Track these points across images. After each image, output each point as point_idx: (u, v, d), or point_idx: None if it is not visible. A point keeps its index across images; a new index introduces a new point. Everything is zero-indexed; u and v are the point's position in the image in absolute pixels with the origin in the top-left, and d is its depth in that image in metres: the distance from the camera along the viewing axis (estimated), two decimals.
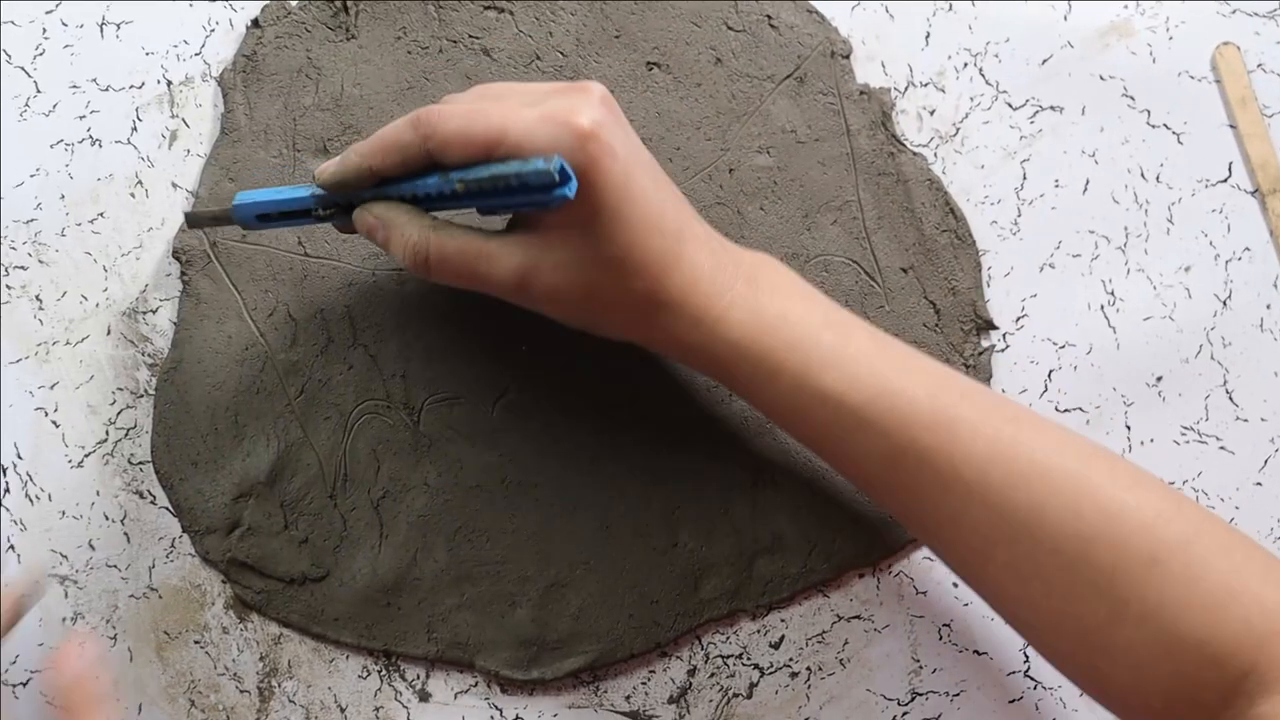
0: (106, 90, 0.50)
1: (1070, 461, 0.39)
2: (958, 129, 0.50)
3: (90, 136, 0.50)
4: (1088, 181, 0.49)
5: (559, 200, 0.36)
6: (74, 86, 0.50)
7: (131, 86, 0.50)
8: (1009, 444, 0.39)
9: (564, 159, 0.36)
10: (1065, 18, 0.50)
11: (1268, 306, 0.49)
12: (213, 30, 0.50)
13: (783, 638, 0.48)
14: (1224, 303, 0.49)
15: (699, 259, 0.40)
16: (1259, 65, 0.50)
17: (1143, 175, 0.49)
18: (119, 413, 0.49)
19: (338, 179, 0.41)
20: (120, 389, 0.49)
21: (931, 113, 0.50)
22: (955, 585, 0.48)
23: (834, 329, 0.40)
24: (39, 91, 0.50)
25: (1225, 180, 0.49)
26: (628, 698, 0.48)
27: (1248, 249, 0.49)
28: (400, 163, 0.40)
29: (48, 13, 0.50)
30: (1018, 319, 0.49)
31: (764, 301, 0.40)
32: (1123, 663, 0.38)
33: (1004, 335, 0.49)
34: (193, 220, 0.45)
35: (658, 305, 0.40)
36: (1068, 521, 0.38)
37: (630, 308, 0.40)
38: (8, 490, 0.49)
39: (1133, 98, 0.49)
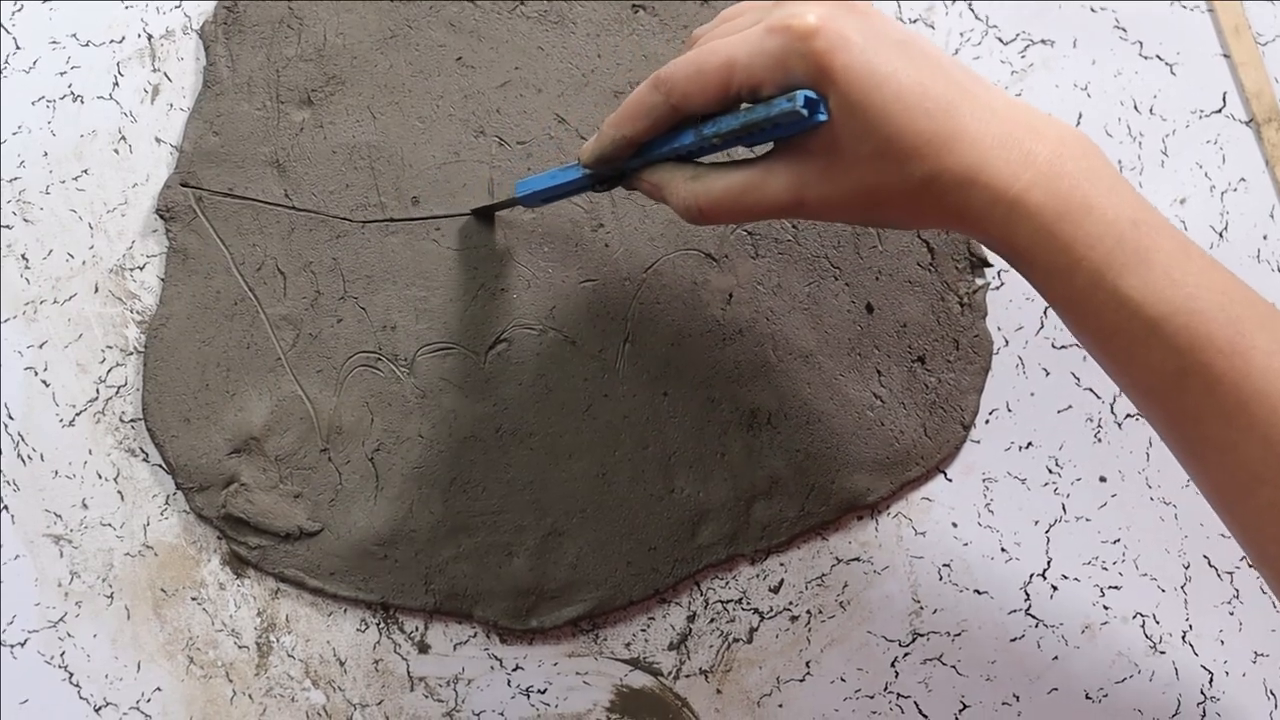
0: (87, 45, 0.49)
1: None
2: None
3: (72, 93, 0.49)
4: (1081, 115, 0.49)
5: (817, 124, 0.35)
6: (54, 42, 0.49)
7: (112, 41, 0.49)
8: None
9: (802, 75, 0.35)
10: None
11: (1264, 237, 0.48)
12: None
13: (782, 581, 0.48)
14: (1220, 234, 0.48)
15: (983, 130, 0.37)
16: None
17: (1136, 108, 0.49)
18: (109, 370, 0.49)
19: (597, 155, 0.40)
20: (109, 347, 0.49)
21: None
22: (954, 525, 0.48)
23: (1141, 229, 0.37)
24: (18, 48, 0.49)
25: (1220, 111, 0.49)
26: (628, 645, 0.48)
27: (1243, 179, 0.49)
28: (650, 125, 0.39)
29: None
30: None
31: (1068, 186, 0.37)
32: None
33: (999, 273, 0.49)
34: (479, 212, 0.47)
35: (944, 188, 0.37)
36: None
37: (915, 196, 0.37)
38: None
39: (1124, 29, 0.49)
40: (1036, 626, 0.48)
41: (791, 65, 0.35)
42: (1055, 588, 0.48)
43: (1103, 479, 0.48)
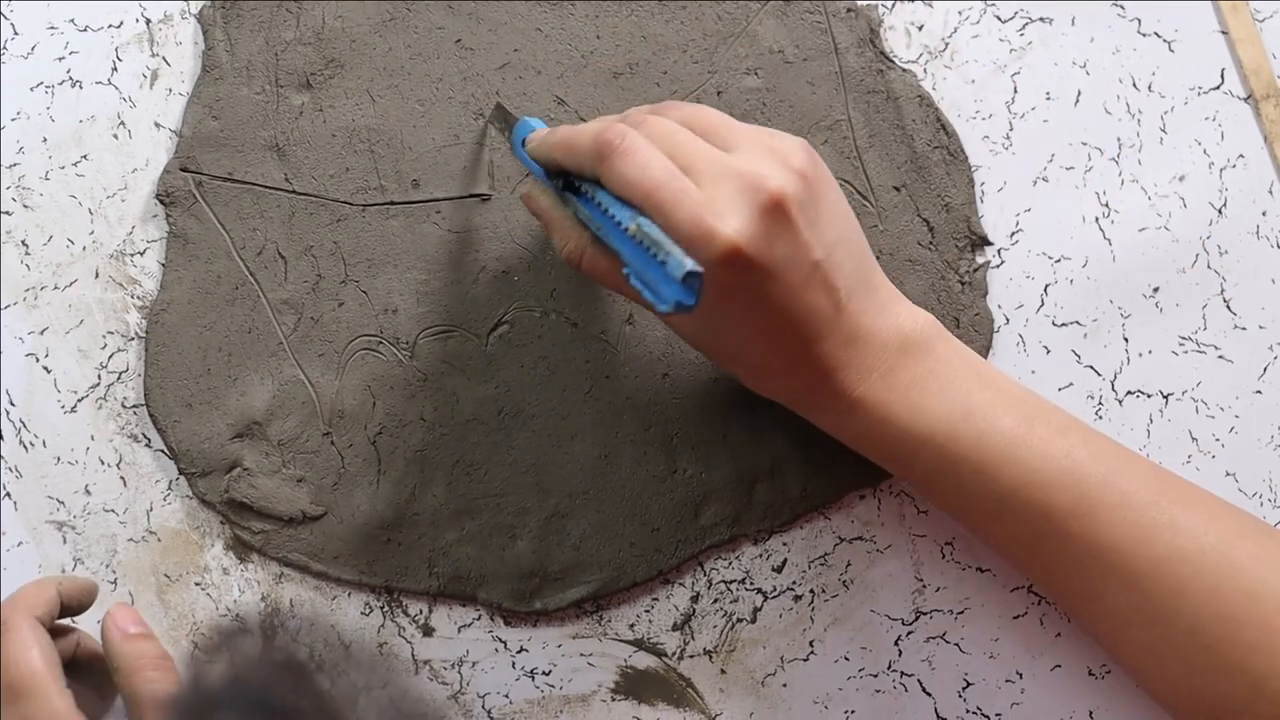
0: (85, 30, 0.49)
1: (1213, 541, 0.38)
2: (946, 44, 0.49)
3: (70, 78, 0.49)
4: (1079, 93, 0.49)
5: (670, 302, 0.34)
6: (52, 28, 0.49)
7: (110, 26, 0.49)
8: (1149, 528, 0.38)
9: (703, 261, 0.35)
10: None
11: (1263, 213, 0.49)
12: None
13: (785, 561, 0.48)
14: (1219, 211, 0.49)
15: (832, 355, 0.40)
16: None
17: (1134, 85, 0.49)
18: (110, 356, 0.49)
19: (535, 153, 0.42)
20: (111, 332, 0.49)
21: (920, 28, 0.49)
22: None
23: (973, 419, 0.40)
24: (16, 34, 0.49)
25: (1218, 87, 0.49)
26: (631, 626, 0.48)
27: (1242, 156, 0.49)
28: (575, 169, 0.40)
29: None
30: (1012, 234, 0.49)
31: (900, 393, 0.40)
32: None
33: (999, 251, 0.49)
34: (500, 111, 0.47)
35: (783, 394, 0.42)
36: (1209, 603, 0.37)
37: (763, 380, 0.42)
38: (1, 438, 0.48)
39: (1122, 6, 0.49)
40: (1039, 604, 0.48)
41: (698, 252, 0.36)
42: None
43: None
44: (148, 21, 0.49)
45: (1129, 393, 0.48)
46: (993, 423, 0.40)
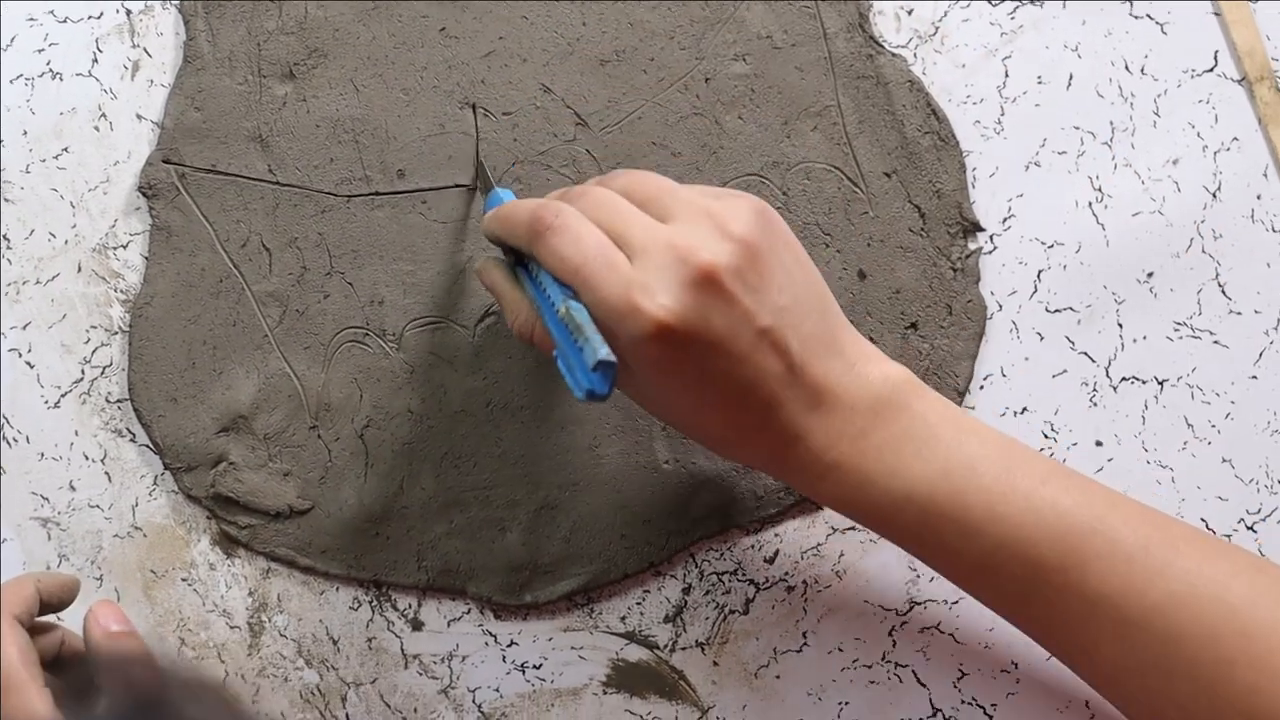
0: (64, 22, 0.49)
1: (1206, 584, 0.37)
2: (937, 28, 0.49)
3: (50, 70, 0.49)
4: (1071, 76, 0.48)
5: (583, 389, 0.34)
6: (31, 19, 0.49)
7: (90, 17, 0.49)
8: (1141, 575, 0.37)
9: (615, 368, 0.34)
10: None
11: (1258, 197, 0.48)
12: None
13: (777, 552, 0.48)
14: (1214, 194, 0.48)
15: (795, 422, 0.38)
16: None
17: (1127, 68, 0.48)
18: (94, 351, 0.48)
19: (484, 229, 0.42)
20: (94, 327, 0.48)
21: (909, 12, 0.49)
22: None
23: (953, 478, 0.39)
24: None
25: (1211, 69, 0.48)
26: (623, 619, 0.48)
27: (1236, 139, 0.48)
28: (515, 245, 0.40)
29: None
30: (1004, 220, 0.48)
31: (870, 464, 0.39)
32: None
33: (991, 237, 0.48)
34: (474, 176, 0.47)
35: (752, 462, 0.42)
36: (1205, 648, 0.37)
37: (727, 449, 0.41)
38: None
39: None
40: None
41: (628, 328, 0.36)
42: None
43: (1099, 443, 0.48)
44: (128, 12, 0.49)
45: (1124, 379, 0.48)
46: (972, 480, 0.39)
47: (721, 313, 0.36)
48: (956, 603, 0.47)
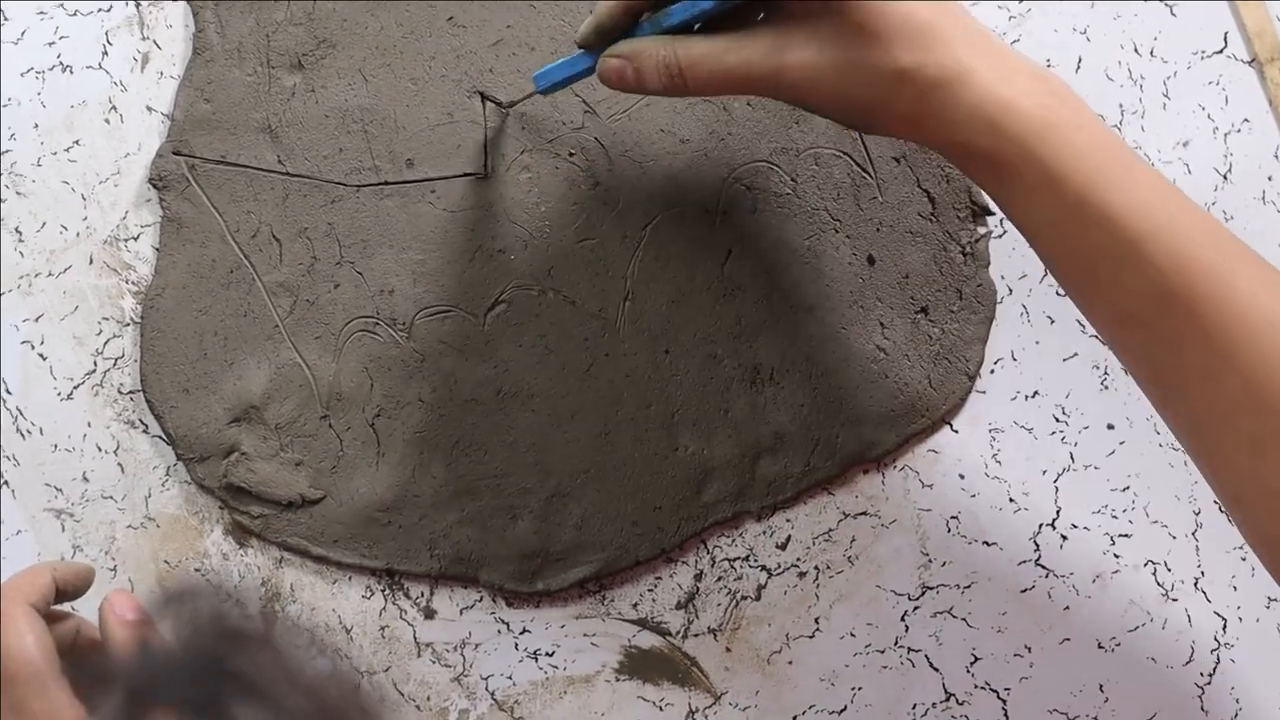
0: (75, 15, 0.49)
1: None
2: None
3: (61, 63, 0.49)
4: (1080, 59, 0.48)
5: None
6: (41, 13, 0.49)
7: (100, 10, 0.49)
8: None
9: None
10: None
11: (1269, 178, 0.48)
12: None
13: (789, 538, 0.48)
14: (1224, 176, 0.48)
15: (972, 37, 0.36)
16: None
17: (1136, 50, 0.48)
18: (106, 342, 0.48)
19: (594, 29, 0.40)
20: (106, 318, 0.48)
21: None
22: (962, 477, 0.48)
23: (1123, 147, 0.37)
24: (6, 19, 0.49)
25: (1221, 51, 0.48)
26: (635, 605, 0.48)
27: (1246, 120, 0.48)
28: None
29: None
30: None
31: (1057, 101, 0.36)
32: None
33: (1000, 220, 0.48)
34: (486, 96, 0.47)
35: (929, 82, 0.36)
36: None
37: (895, 85, 0.36)
38: None
39: None
40: (1047, 577, 0.47)
41: None
42: (1065, 537, 0.47)
43: (1110, 426, 0.48)
44: (138, 4, 0.49)
45: None
46: (1137, 158, 0.37)
47: None
48: (969, 587, 0.47)
